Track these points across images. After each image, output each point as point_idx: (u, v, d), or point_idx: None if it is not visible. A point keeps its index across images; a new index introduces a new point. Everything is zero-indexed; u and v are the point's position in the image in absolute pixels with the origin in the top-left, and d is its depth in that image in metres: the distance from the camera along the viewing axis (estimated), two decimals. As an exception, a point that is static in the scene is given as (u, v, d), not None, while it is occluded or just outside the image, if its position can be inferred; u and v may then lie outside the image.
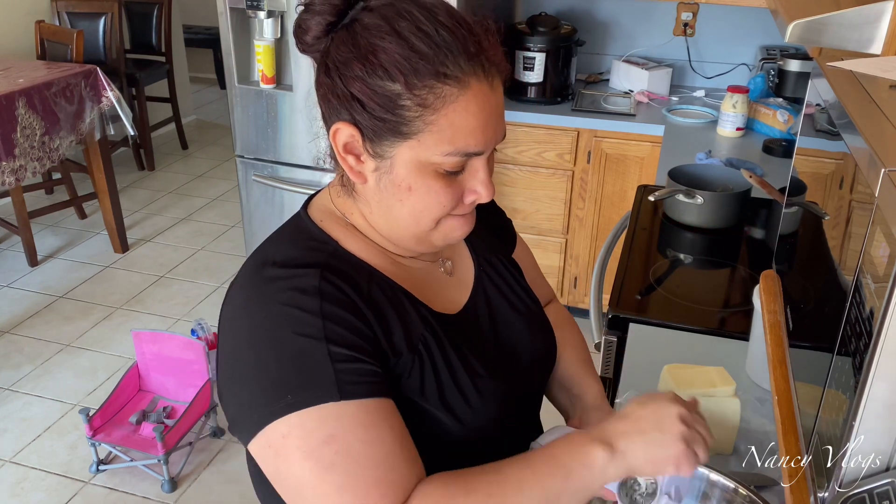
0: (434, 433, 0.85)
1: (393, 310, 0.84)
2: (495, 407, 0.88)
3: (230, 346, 0.81)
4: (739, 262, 1.90)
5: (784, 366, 0.99)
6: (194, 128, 5.61)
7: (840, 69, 0.88)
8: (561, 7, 3.22)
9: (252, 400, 0.77)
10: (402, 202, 0.82)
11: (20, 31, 4.21)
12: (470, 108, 0.77)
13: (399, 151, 0.79)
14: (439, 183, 0.80)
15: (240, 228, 4.08)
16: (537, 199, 2.99)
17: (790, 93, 2.76)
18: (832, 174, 0.89)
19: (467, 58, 0.76)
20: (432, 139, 0.77)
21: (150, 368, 2.60)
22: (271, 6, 2.78)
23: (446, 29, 0.76)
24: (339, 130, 0.81)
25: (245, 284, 0.83)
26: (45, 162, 3.22)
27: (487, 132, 0.79)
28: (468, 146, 0.78)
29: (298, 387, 0.75)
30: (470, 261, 1.00)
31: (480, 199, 0.84)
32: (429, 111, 0.76)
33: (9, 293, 3.47)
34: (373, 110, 0.77)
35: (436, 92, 0.76)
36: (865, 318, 0.64)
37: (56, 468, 2.47)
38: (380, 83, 0.76)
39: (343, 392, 0.75)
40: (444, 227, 0.85)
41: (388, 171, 0.80)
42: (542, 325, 1.04)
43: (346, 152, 0.82)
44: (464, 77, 0.76)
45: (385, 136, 0.78)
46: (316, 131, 0.83)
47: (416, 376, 0.83)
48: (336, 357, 0.76)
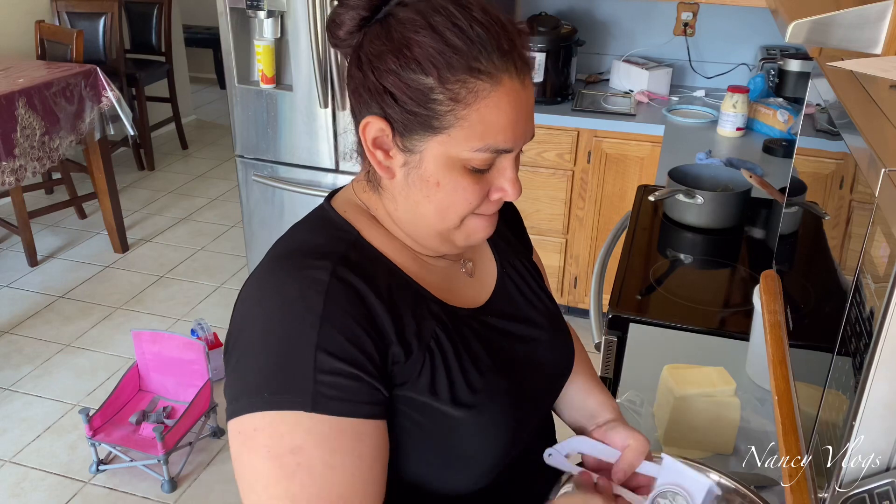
0: (448, 436, 0.84)
1: (407, 307, 0.83)
2: (507, 404, 0.88)
3: (236, 329, 0.81)
4: (739, 262, 1.90)
5: (784, 366, 0.99)
6: (194, 128, 5.61)
7: (840, 69, 0.88)
8: (561, 7, 3.22)
9: (237, 383, 0.78)
10: (428, 198, 0.82)
11: (20, 31, 4.21)
12: (501, 105, 0.77)
13: (429, 146, 0.79)
14: (467, 179, 0.80)
15: (240, 228, 4.08)
16: (537, 199, 2.99)
17: (790, 93, 2.76)
18: (832, 174, 0.89)
19: (500, 54, 0.77)
20: (463, 134, 0.78)
21: (150, 368, 2.60)
22: (271, 6, 2.78)
23: (480, 25, 0.77)
24: (370, 124, 0.81)
25: (260, 273, 0.83)
26: (45, 162, 3.22)
27: (517, 129, 0.80)
28: (498, 142, 0.79)
29: (277, 387, 0.75)
30: (493, 263, 1.00)
31: (507, 197, 0.84)
32: (460, 106, 0.76)
33: (9, 293, 3.47)
34: (405, 104, 0.77)
35: (468, 87, 0.76)
36: (865, 318, 0.64)
37: (56, 468, 2.47)
38: (413, 76, 0.76)
39: (316, 405, 0.75)
40: (467, 226, 0.85)
41: (417, 166, 0.81)
42: (563, 328, 1.03)
43: (374, 147, 0.82)
44: (496, 73, 0.77)
45: (416, 129, 0.79)
46: (315, 130, 0.83)
47: (427, 374, 0.82)
48: (321, 367, 0.75)
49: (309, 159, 2.99)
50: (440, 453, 0.85)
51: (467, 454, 0.86)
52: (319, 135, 2.93)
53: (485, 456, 0.86)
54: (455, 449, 0.85)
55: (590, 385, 1.07)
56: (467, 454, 0.86)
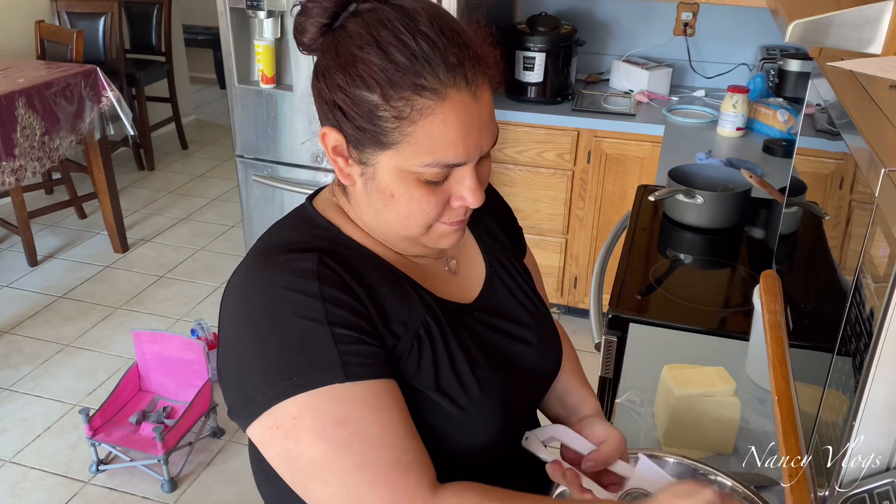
0: (431, 419, 0.85)
1: (394, 294, 0.84)
2: (496, 400, 0.88)
3: (231, 331, 0.81)
4: (739, 262, 1.90)
5: (784, 366, 0.99)
6: (194, 128, 5.61)
7: (840, 69, 0.88)
8: (561, 7, 3.22)
9: (256, 382, 0.77)
10: (388, 207, 0.83)
11: (20, 31, 4.21)
12: (449, 121, 0.76)
13: (380, 160, 0.79)
14: (421, 191, 0.80)
15: (240, 228, 4.08)
16: (537, 199, 2.99)
17: (790, 93, 2.76)
18: (832, 174, 0.89)
19: (447, 68, 0.75)
20: (410, 150, 0.77)
21: (150, 368, 2.60)
22: (271, 6, 2.78)
23: (426, 39, 0.75)
24: (327, 135, 0.82)
25: (246, 270, 0.84)
26: (45, 162, 3.22)
27: (469, 143, 0.78)
28: (448, 157, 0.78)
29: (306, 369, 0.75)
30: (480, 260, 1.00)
31: (468, 204, 0.83)
32: (406, 123, 0.76)
33: (9, 293, 3.47)
34: (354, 119, 0.78)
35: (412, 104, 0.75)
36: (865, 318, 0.64)
37: (56, 468, 2.47)
38: (358, 93, 0.76)
39: (349, 374, 0.76)
40: (434, 233, 0.85)
41: (372, 178, 0.81)
42: (551, 327, 1.04)
43: (335, 154, 0.83)
44: (441, 89, 0.75)
45: (366, 144, 0.79)
46: (315, 130, 0.84)
47: (414, 360, 0.83)
48: (340, 339, 0.76)
49: (309, 159, 2.99)
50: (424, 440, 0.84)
51: (452, 444, 0.86)
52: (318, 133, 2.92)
53: (467, 448, 0.87)
54: (437, 437, 0.85)
55: (572, 380, 1.08)
56: (452, 444, 0.86)
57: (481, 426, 0.87)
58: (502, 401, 0.89)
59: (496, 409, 0.88)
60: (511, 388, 0.92)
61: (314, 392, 0.75)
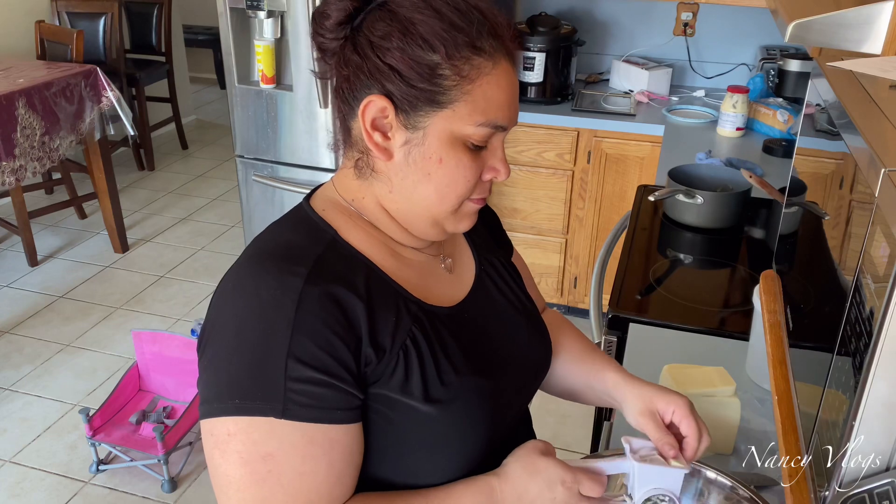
0: (420, 432, 0.85)
1: (385, 307, 0.84)
2: (482, 401, 0.88)
3: (211, 324, 0.82)
4: (739, 262, 1.90)
5: (784, 366, 0.99)
6: (194, 128, 5.61)
7: (840, 69, 0.88)
8: (561, 7, 3.22)
9: (211, 389, 0.80)
10: (429, 176, 0.84)
11: (20, 31, 4.21)
12: (501, 83, 0.82)
13: (433, 121, 0.81)
14: (468, 156, 0.83)
15: (240, 228, 4.08)
16: (537, 199, 3.00)
17: (790, 93, 2.76)
18: (832, 174, 0.89)
19: (495, 38, 0.82)
20: (467, 109, 0.81)
21: (150, 368, 2.60)
22: (271, 6, 2.78)
23: (477, 9, 0.82)
24: (372, 103, 0.82)
25: (237, 270, 0.84)
26: (45, 162, 3.22)
27: (513, 108, 0.85)
28: (498, 118, 0.83)
29: (252, 395, 0.76)
30: (471, 259, 1.01)
31: (499, 176, 0.87)
32: (465, 81, 0.80)
33: (9, 293, 3.47)
34: (410, 79, 0.80)
35: (472, 63, 0.80)
36: (865, 318, 0.64)
37: (56, 468, 2.47)
38: (419, 53, 0.80)
39: (287, 412, 0.76)
40: (462, 211, 0.87)
41: (420, 143, 0.82)
42: (540, 327, 1.04)
43: (373, 129, 0.83)
44: (495, 53, 0.82)
45: (420, 106, 0.81)
46: (315, 130, 0.84)
47: (401, 372, 0.83)
48: (292, 375, 0.76)
49: (309, 159, 2.99)
50: (413, 449, 0.86)
51: (440, 451, 0.87)
52: (319, 135, 2.93)
53: (457, 453, 0.87)
54: (428, 445, 0.86)
55: (588, 363, 1.08)
56: (440, 451, 0.87)
57: (469, 429, 0.87)
58: (490, 402, 0.89)
59: (483, 410, 0.88)
60: (499, 388, 0.92)
61: (252, 419, 0.76)
